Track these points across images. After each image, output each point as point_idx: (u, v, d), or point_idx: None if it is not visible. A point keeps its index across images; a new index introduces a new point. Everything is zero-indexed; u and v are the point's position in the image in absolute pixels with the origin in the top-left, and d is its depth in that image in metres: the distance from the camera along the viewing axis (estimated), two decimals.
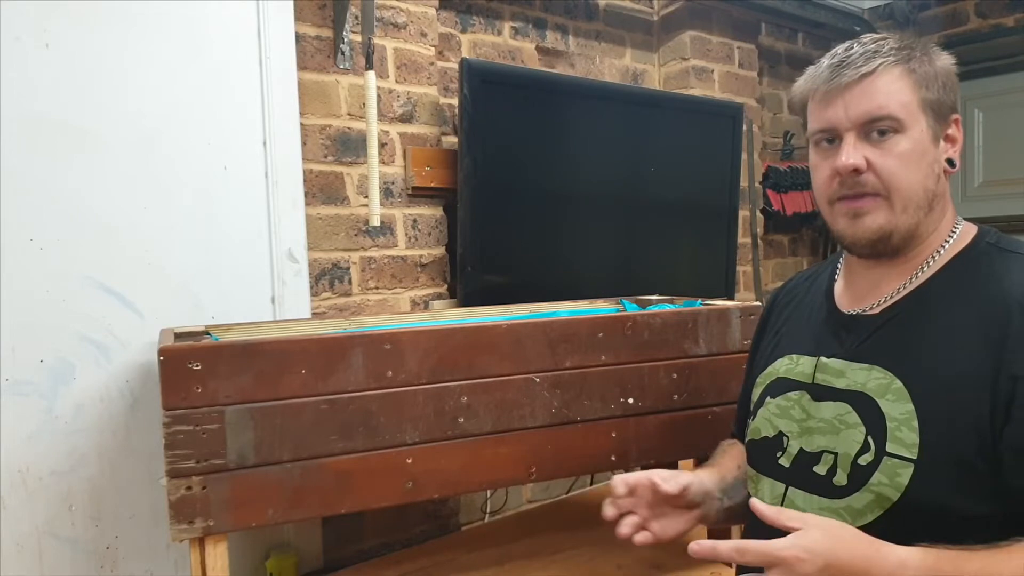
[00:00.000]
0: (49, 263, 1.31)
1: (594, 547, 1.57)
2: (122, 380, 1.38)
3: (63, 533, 1.33)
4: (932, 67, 0.89)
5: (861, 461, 0.86)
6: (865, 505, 0.85)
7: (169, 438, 1.05)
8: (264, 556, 1.53)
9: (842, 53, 0.90)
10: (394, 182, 1.79)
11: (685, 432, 1.42)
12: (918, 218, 0.89)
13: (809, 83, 0.93)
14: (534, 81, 1.96)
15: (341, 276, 1.72)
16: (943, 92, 0.90)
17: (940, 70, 0.90)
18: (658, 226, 2.20)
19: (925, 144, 0.88)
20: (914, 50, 0.90)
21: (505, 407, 1.26)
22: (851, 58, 0.89)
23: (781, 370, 1.02)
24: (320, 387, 1.14)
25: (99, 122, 1.36)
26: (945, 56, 0.92)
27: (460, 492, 1.44)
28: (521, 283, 1.89)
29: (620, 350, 1.36)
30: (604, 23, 2.38)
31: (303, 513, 1.14)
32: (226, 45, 1.49)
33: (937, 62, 0.90)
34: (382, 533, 1.71)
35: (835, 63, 0.90)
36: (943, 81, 0.90)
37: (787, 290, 1.13)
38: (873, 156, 0.88)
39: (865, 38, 0.92)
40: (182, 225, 1.44)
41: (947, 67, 0.91)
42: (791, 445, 0.96)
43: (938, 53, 0.92)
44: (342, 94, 1.72)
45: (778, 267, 2.96)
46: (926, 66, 0.89)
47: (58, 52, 1.32)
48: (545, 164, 1.94)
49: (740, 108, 2.42)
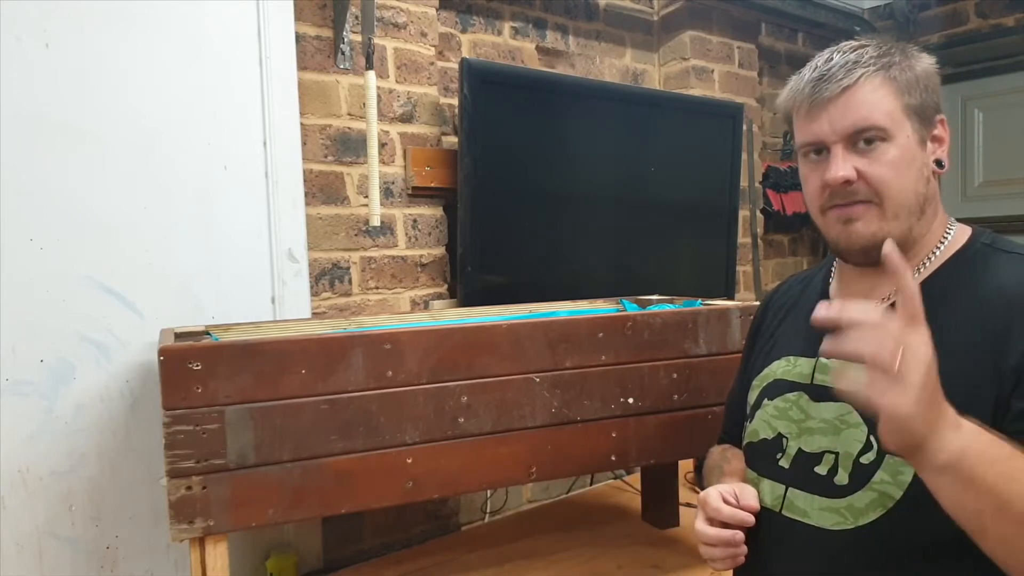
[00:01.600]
0: (49, 263, 1.31)
1: (594, 547, 1.57)
2: (122, 380, 1.38)
3: (63, 533, 1.33)
4: (912, 71, 0.89)
5: (863, 460, 0.86)
6: (867, 504, 0.85)
7: (169, 438, 1.05)
8: (264, 556, 1.53)
9: (822, 65, 0.90)
10: (394, 182, 1.79)
11: (685, 432, 1.42)
12: (910, 223, 0.90)
13: (792, 98, 0.93)
14: (534, 81, 1.96)
15: (341, 276, 1.72)
16: (925, 95, 0.90)
17: (921, 73, 0.90)
18: (658, 226, 2.20)
19: (913, 149, 0.89)
20: (893, 56, 0.89)
21: (505, 407, 1.26)
22: (831, 71, 0.88)
23: (778, 372, 1.02)
24: (320, 387, 1.14)
25: (99, 122, 1.36)
26: (925, 58, 0.92)
27: (460, 492, 1.44)
28: (521, 283, 1.89)
29: (620, 350, 1.36)
30: (604, 23, 2.38)
31: (303, 513, 1.14)
32: (226, 45, 1.49)
33: (917, 66, 0.90)
34: (382, 533, 1.71)
35: (816, 77, 0.90)
36: (924, 84, 0.90)
37: (781, 293, 1.13)
38: (862, 165, 0.88)
39: (844, 46, 0.91)
40: (182, 225, 1.44)
41: (927, 69, 0.91)
42: (790, 446, 0.96)
43: (918, 56, 0.91)
44: (342, 94, 1.72)
45: (778, 267, 2.96)
46: (906, 72, 0.89)
47: (58, 52, 1.32)
48: (545, 164, 1.94)
49: (740, 108, 2.42)
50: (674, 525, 1.67)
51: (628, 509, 1.81)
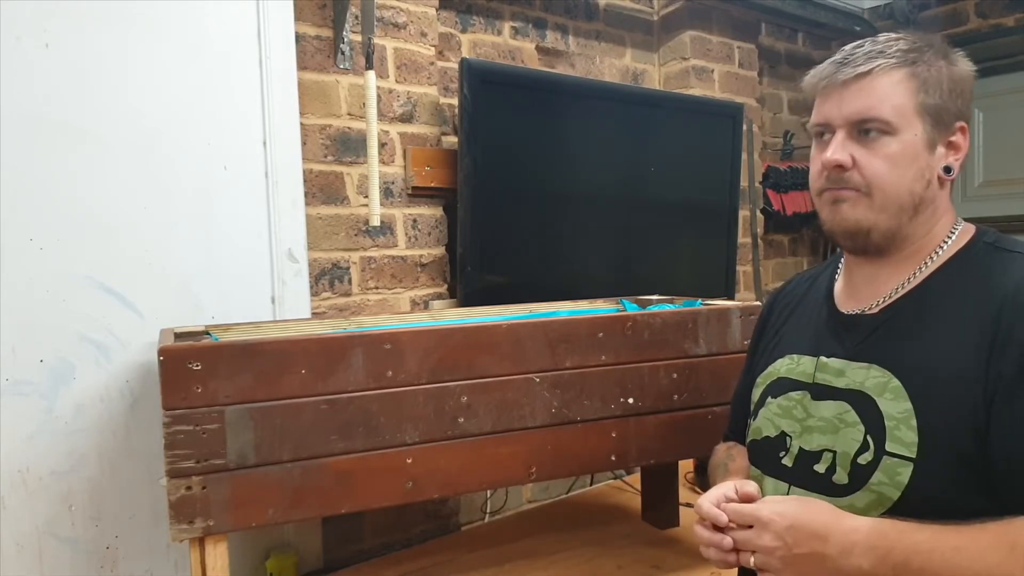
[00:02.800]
0: (49, 263, 1.31)
1: (594, 547, 1.57)
2: (122, 380, 1.38)
3: (63, 533, 1.33)
4: (941, 72, 0.88)
5: (861, 460, 0.87)
6: (867, 504, 0.85)
7: (169, 438, 1.05)
8: (264, 556, 1.53)
9: (848, 50, 0.91)
10: (394, 182, 1.79)
11: (685, 432, 1.42)
12: (900, 220, 0.90)
13: (814, 78, 0.94)
14: (534, 81, 1.96)
15: (341, 276, 1.72)
16: (948, 98, 0.88)
17: (950, 75, 0.89)
18: (658, 226, 2.20)
19: (917, 149, 0.88)
20: (924, 53, 0.89)
21: (505, 407, 1.26)
22: (854, 57, 0.89)
23: (782, 370, 1.02)
24: (320, 387, 1.14)
25: (99, 122, 1.36)
26: (963, 62, 0.91)
27: (460, 492, 1.43)
28: (521, 283, 1.89)
29: (620, 350, 1.36)
30: (604, 23, 2.38)
31: (303, 513, 1.14)
32: (226, 45, 1.49)
33: (952, 67, 0.89)
34: (382, 533, 1.71)
35: (838, 60, 0.91)
36: (950, 87, 0.88)
37: (787, 291, 1.13)
38: (860, 155, 0.88)
39: (881, 37, 0.91)
40: (182, 225, 1.44)
41: (962, 73, 0.90)
42: (793, 444, 0.96)
43: (956, 59, 0.90)
44: (342, 94, 1.72)
45: (778, 267, 2.96)
46: (933, 71, 0.88)
47: (58, 52, 1.32)
48: (545, 164, 1.94)
49: (740, 108, 2.42)
50: (674, 525, 1.67)
51: (628, 509, 1.81)
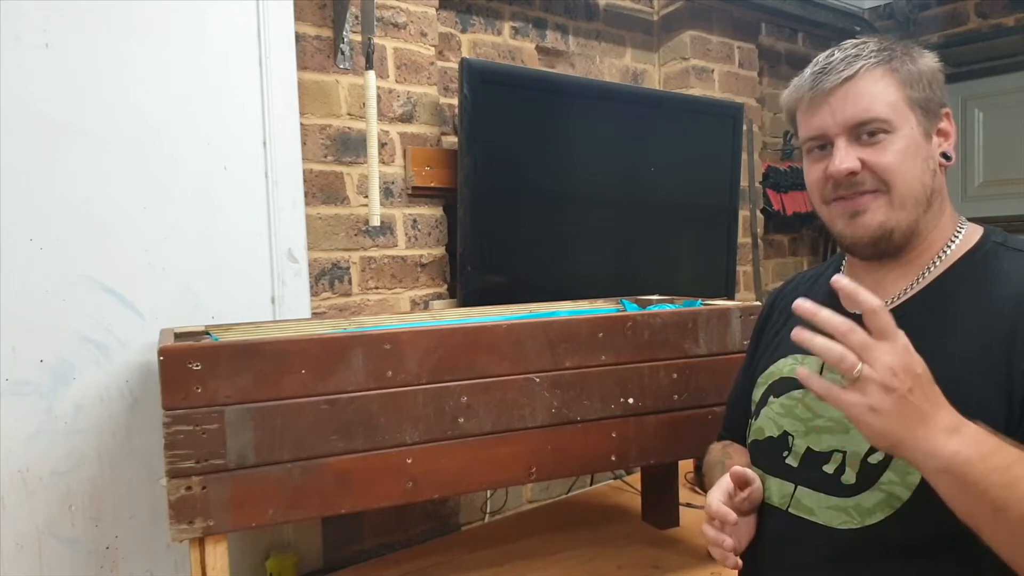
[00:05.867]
0: (49, 263, 1.31)
1: (594, 547, 1.57)
2: (122, 380, 1.38)
3: (63, 533, 1.33)
4: (915, 66, 0.89)
5: (871, 460, 0.86)
6: (875, 504, 0.84)
7: (169, 438, 1.05)
8: (264, 556, 1.53)
9: (823, 60, 0.91)
10: (394, 182, 1.79)
11: (685, 432, 1.42)
12: (917, 214, 0.89)
13: (795, 93, 0.94)
14: (534, 81, 1.96)
15: (341, 276, 1.72)
16: (929, 90, 0.89)
17: (924, 68, 0.90)
18: (658, 226, 2.20)
19: (918, 141, 0.88)
20: (895, 50, 0.89)
21: (505, 407, 1.26)
22: (832, 64, 0.89)
23: (785, 370, 1.01)
24: (320, 387, 1.14)
25: (99, 122, 1.36)
26: (928, 55, 0.92)
27: (460, 492, 1.44)
28: (521, 283, 1.89)
29: (620, 350, 1.36)
30: (604, 23, 2.38)
31: (303, 513, 1.14)
32: (226, 45, 1.49)
33: (920, 61, 0.90)
34: (382, 533, 1.71)
35: (817, 71, 0.90)
36: (928, 80, 0.89)
37: (788, 290, 1.13)
38: (866, 156, 0.88)
39: (846, 43, 0.92)
40: (182, 225, 1.44)
41: (931, 65, 0.91)
42: (797, 444, 0.95)
43: (920, 52, 0.91)
44: (342, 94, 1.72)
45: (778, 267, 2.96)
46: (908, 65, 0.89)
47: (58, 52, 1.32)
48: (545, 164, 1.94)
49: (740, 108, 2.42)
50: (674, 525, 1.67)
51: (628, 509, 1.81)
